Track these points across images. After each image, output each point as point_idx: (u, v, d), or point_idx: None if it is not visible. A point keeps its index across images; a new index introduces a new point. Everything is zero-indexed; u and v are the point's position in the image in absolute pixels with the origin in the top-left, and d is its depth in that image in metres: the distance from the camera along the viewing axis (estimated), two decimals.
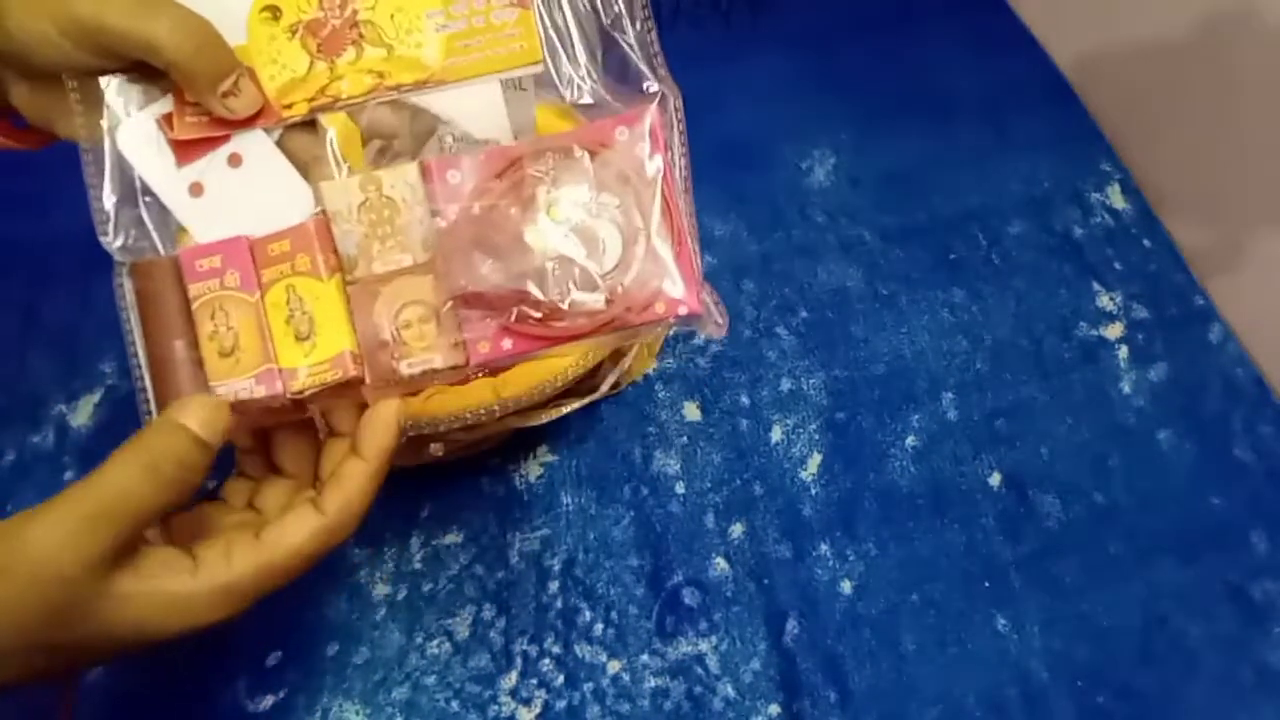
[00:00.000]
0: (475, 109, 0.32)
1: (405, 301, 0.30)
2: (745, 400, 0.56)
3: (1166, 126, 0.65)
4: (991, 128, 0.68)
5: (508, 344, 0.30)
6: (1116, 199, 0.65)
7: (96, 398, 0.54)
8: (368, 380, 0.30)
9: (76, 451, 0.52)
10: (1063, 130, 0.69)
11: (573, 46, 0.32)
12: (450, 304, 0.30)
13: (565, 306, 0.30)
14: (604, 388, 0.52)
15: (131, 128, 0.30)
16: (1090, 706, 0.48)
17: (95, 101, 0.30)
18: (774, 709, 0.47)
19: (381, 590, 0.50)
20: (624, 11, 0.32)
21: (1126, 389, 0.58)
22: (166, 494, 0.27)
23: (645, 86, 0.32)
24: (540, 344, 0.30)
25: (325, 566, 0.50)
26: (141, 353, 0.31)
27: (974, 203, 0.65)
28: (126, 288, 0.31)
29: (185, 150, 0.31)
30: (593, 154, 0.30)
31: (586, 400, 0.51)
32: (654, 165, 0.31)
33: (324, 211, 0.31)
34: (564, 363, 0.47)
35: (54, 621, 0.26)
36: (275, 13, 0.31)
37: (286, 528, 0.29)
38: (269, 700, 0.47)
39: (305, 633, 0.48)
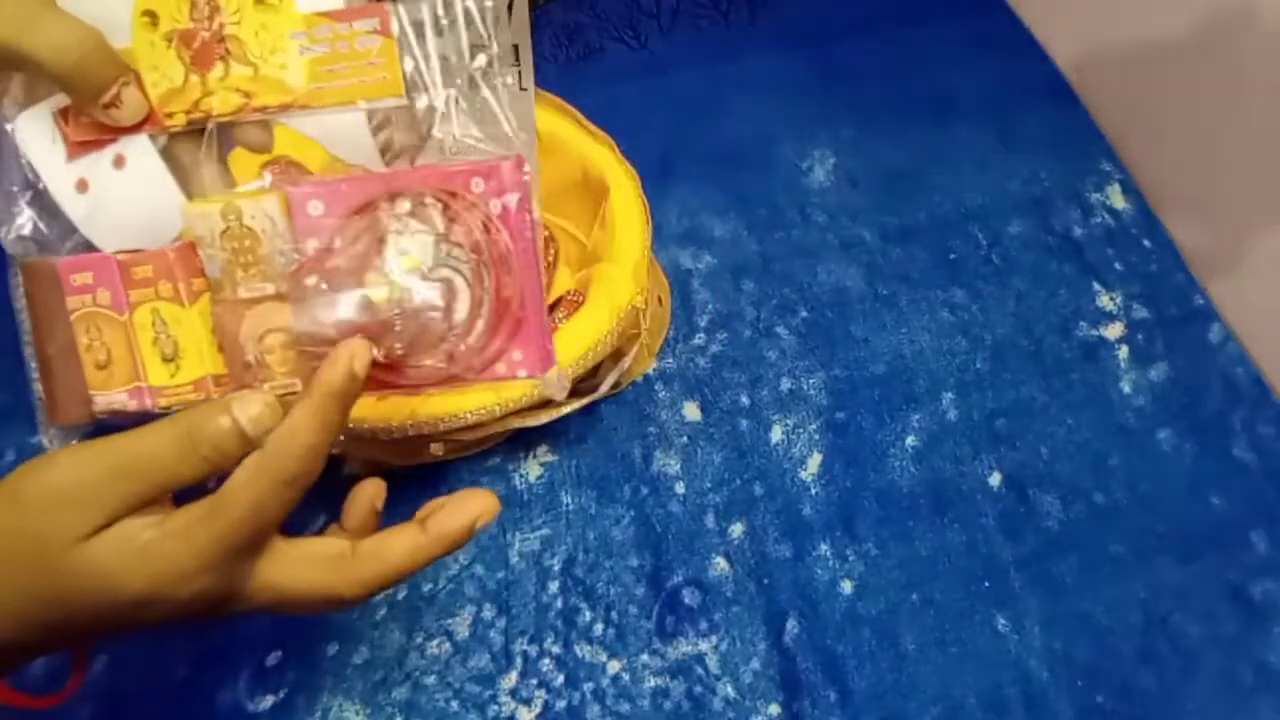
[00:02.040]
0: (342, 136, 0.31)
1: (268, 328, 0.30)
2: (745, 400, 0.56)
3: (1166, 126, 0.65)
4: (991, 128, 0.68)
5: None
6: (1116, 199, 0.65)
7: None
8: None
9: None
10: (1063, 130, 0.69)
11: (436, 84, 0.31)
12: (305, 338, 0.30)
13: (406, 360, 0.29)
14: (604, 388, 0.52)
15: (30, 119, 0.31)
16: (1090, 706, 0.48)
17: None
18: (774, 709, 0.47)
19: None
20: (496, 60, 0.31)
21: (1126, 389, 0.58)
22: (193, 470, 0.28)
23: (507, 137, 0.31)
24: (388, 388, 0.30)
25: None
26: (34, 349, 0.32)
27: (974, 203, 0.65)
28: (20, 282, 0.32)
29: (75, 147, 0.31)
30: (445, 204, 0.30)
31: (586, 400, 0.51)
32: (505, 221, 0.30)
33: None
34: (564, 362, 0.47)
35: (41, 551, 0.27)
36: (154, 18, 0.31)
37: (237, 476, 0.29)
38: (269, 700, 0.47)
39: (305, 633, 0.48)
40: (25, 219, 0.32)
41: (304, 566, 0.30)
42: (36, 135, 0.31)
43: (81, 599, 0.27)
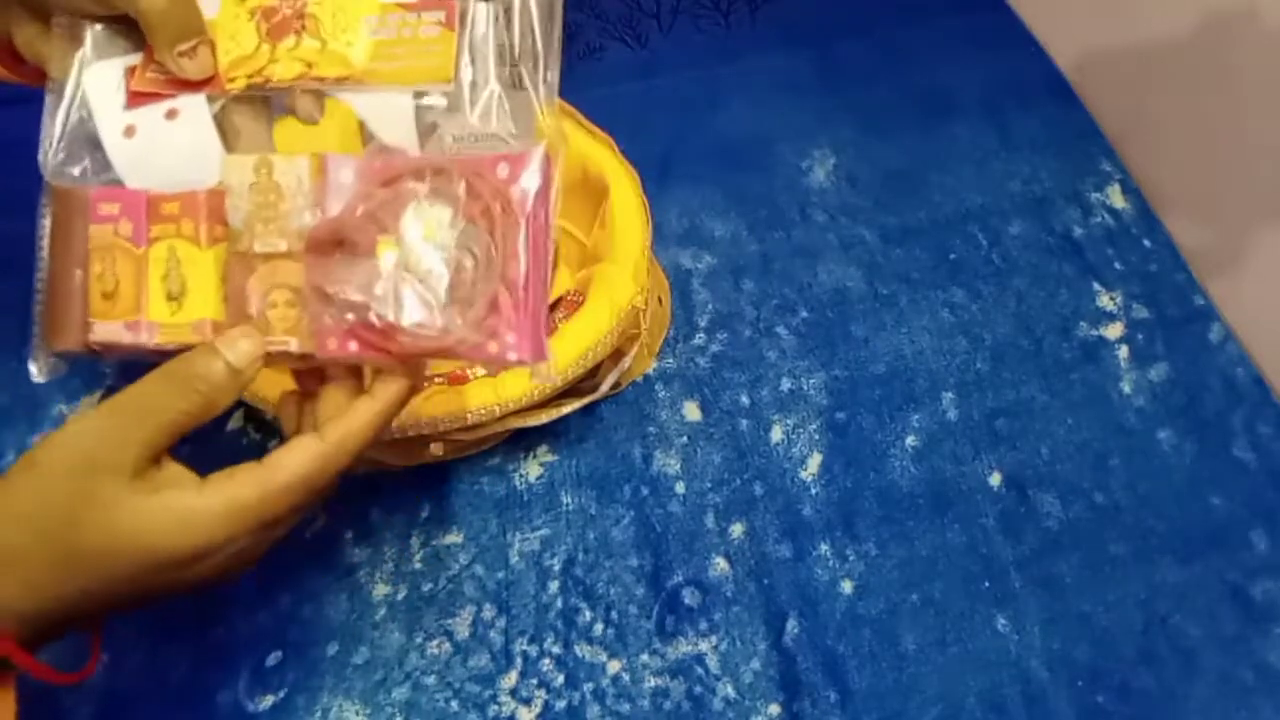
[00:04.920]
0: (388, 115, 0.33)
1: (276, 284, 0.32)
2: (745, 400, 0.56)
3: (1166, 126, 0.65)
4: (991, 127, 0.68)
5: (353, 346, 0.31)
6: (1116, 199, 0.65)
7: (96, 398, 0.54)
8: None
9: None
10: (1063, 130, 0.69)
11: (487, 74, 0.33)
12: (310, 293, 0.31)
13: (403, 325, 0.30)
14: (604, 388, 0.52)
15: (100, 69, 0.33)
16: (1090, 706, 0.48)
17: (77, 42, 0.33)
18: (774, 709, 0.47)
19: (381, 590, 0.50)
20: (541, 54, 0.33)
21: (1126, 389, 0.58)
22: (193, 406, 0.30)
23: (537, 130, 0.33)
24: (380, 354, 0.31)
25: (325, 566, 0.50)
26: (46, 273, 0.34)
27: (974, 203, 0.65)
28: (49, 209, 0.34)
29: (135, 97, 0.33)
30: (469, 182, 0.31)
31: (586, 400, 0.51)
32: (523, 208, 0.31)
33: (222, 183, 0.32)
34: (564, 362, 0.47)
35: (71, 519, 0.28)
36: None
37: (286, 451, 0.31)
38: (269, 700, 0.47)
39: (305, 633, 0.48)
40: (67, 156, 0.33)
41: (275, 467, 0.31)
42: (103, 83, 0.33)
43: (124, 563, 0.28)
